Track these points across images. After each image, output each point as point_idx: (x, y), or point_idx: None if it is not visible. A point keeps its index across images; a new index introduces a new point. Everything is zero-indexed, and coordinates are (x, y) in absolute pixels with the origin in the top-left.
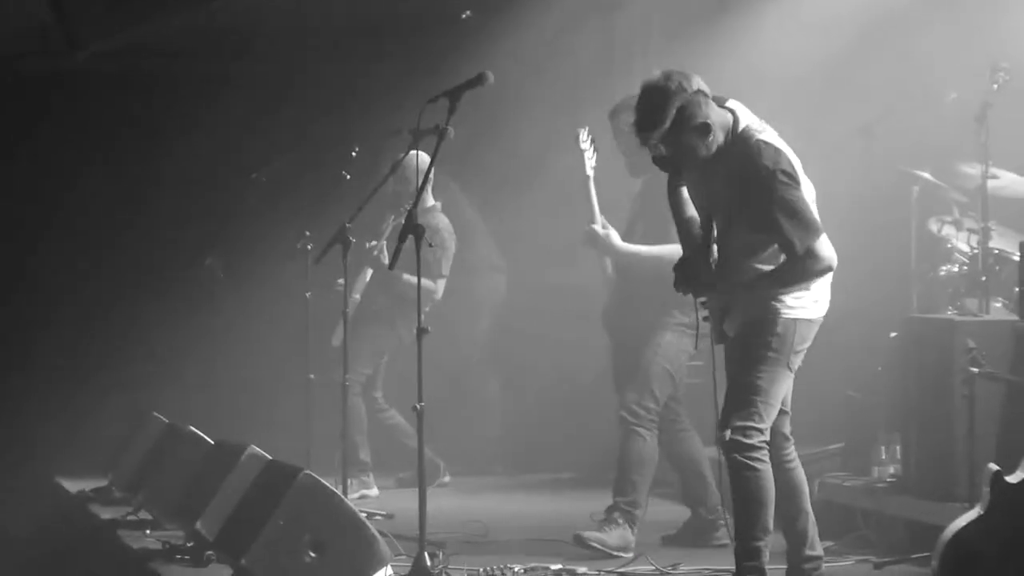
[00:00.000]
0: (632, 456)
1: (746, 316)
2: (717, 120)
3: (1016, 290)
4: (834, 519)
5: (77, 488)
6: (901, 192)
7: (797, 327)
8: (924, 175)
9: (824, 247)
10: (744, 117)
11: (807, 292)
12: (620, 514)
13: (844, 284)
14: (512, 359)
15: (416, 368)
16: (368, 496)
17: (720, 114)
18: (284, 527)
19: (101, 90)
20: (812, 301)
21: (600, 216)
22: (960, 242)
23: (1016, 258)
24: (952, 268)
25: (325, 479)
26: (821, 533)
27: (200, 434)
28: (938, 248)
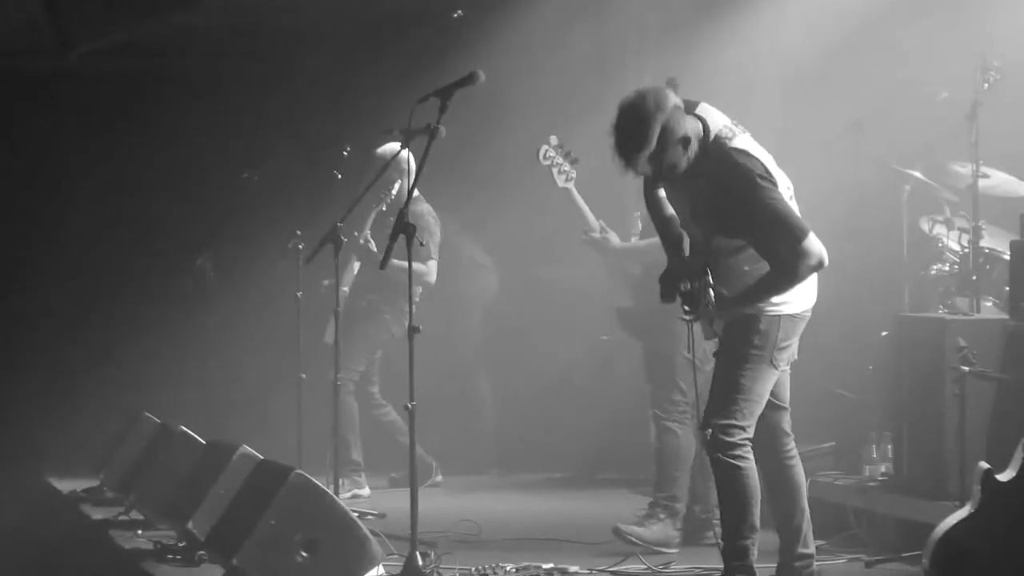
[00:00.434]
0: (667, 451)
1: (730, 317)
2: (692, 131)
3: (1007, 289)
4: (826, 518)
5: (69, 488)
6: (892, 191)
7: (780, 323)
8: (915, 174)
9: (812, 244)
10: (714, 124)
11: (800, 290)
12: (661, 509)
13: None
14: (504, 358)
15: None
16: (360, 495)
17: (693, 124)
18: (276, 527)
19: (93, 89)
20: (795, 296)
21: (596, 221)
22: (951, 241)
23: (1007, 257)
24: (943, 267)
25: (317, 479)
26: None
27: (192, 434)
28: (929, 247)
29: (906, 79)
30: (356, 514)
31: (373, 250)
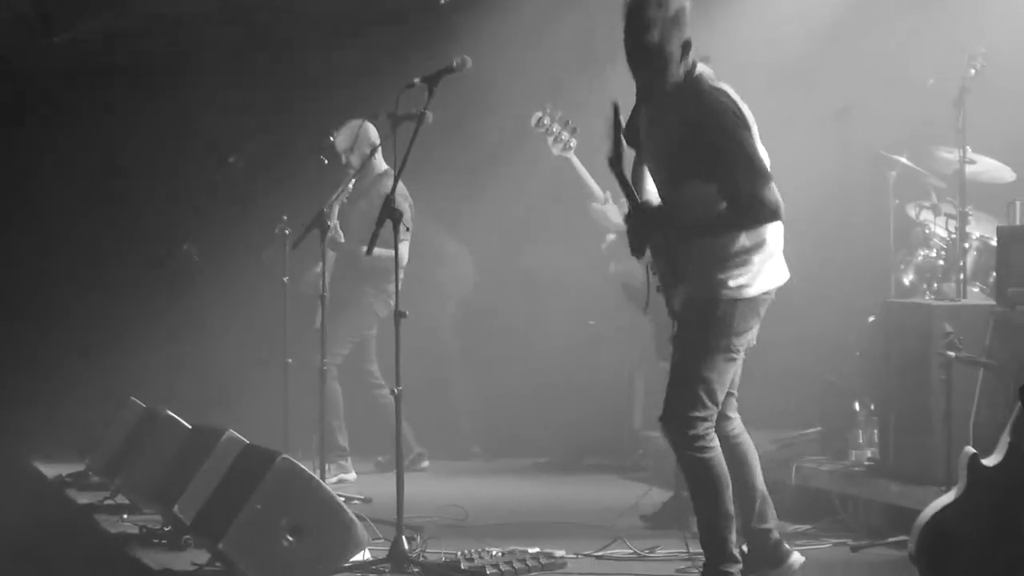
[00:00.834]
0: None
1: (688, 294)
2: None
3: (993, 275)
4: (811, 503)
5: (54, 473)
6: (879, 177)
7: (738, 308)
8: (902, 160)
9: (774, 193)
10: (701, 68)
11: (749, 269)
12: None
13: (822, 269)
14: (488, 344)
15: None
16: (346, 480)
17: (688, 53)
18: (262, 511)
19: (77, 75)
20: (755, 277)
21: (601, 191)
22: (938, 227)
23: (993, 243)
24: (930, 253)
25: (303, 463)
26: (799, 516)
27: (177, 418)
28: (916, 233)
29: (893, 66)
30: (342, 499)
31: (340, 240)
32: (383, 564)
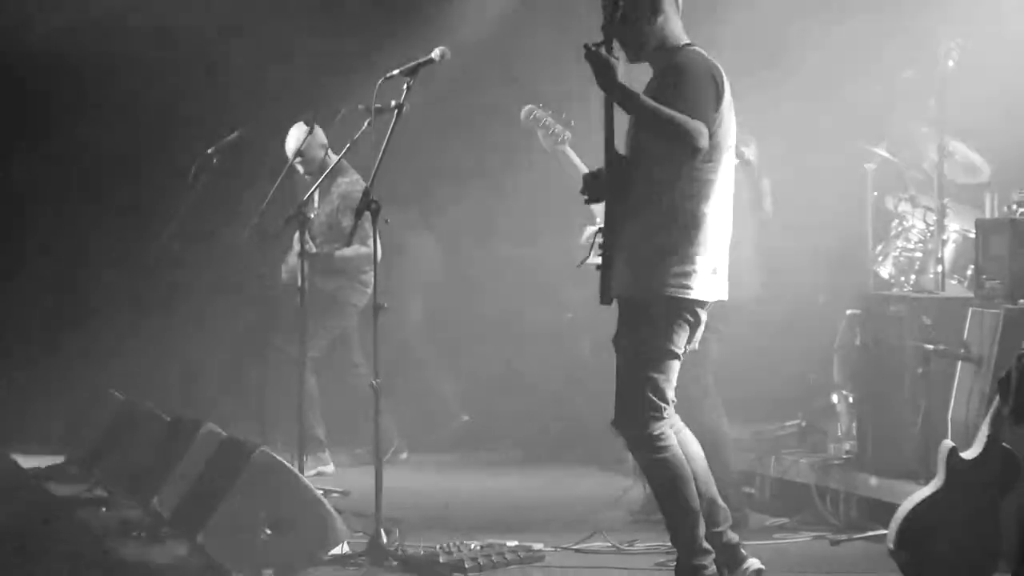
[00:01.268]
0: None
1: (627, 294)
2: (667, 28)
3: (971, 268)
4: (790, 496)
5: (33, 465)
6: (857, 169)
7: (675, 309)
8: (880, 152)
9: (705, 136)
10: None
11: (687, 273)
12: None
13: (800, 261)
14: (467, 337)
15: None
16: (324, 473)
17: (672, 24)
18: (240, 504)
19: (54, 68)
20: (693, 281)
21: None
22: (916, 219)
23: (972, 235)
24: (908, 245)
25: (281, 456)
26: (778, 510)
27: (156, 411)
28: (894, 225)
29: (869, 57)
30: (321, 492)
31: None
32: (361, 557)
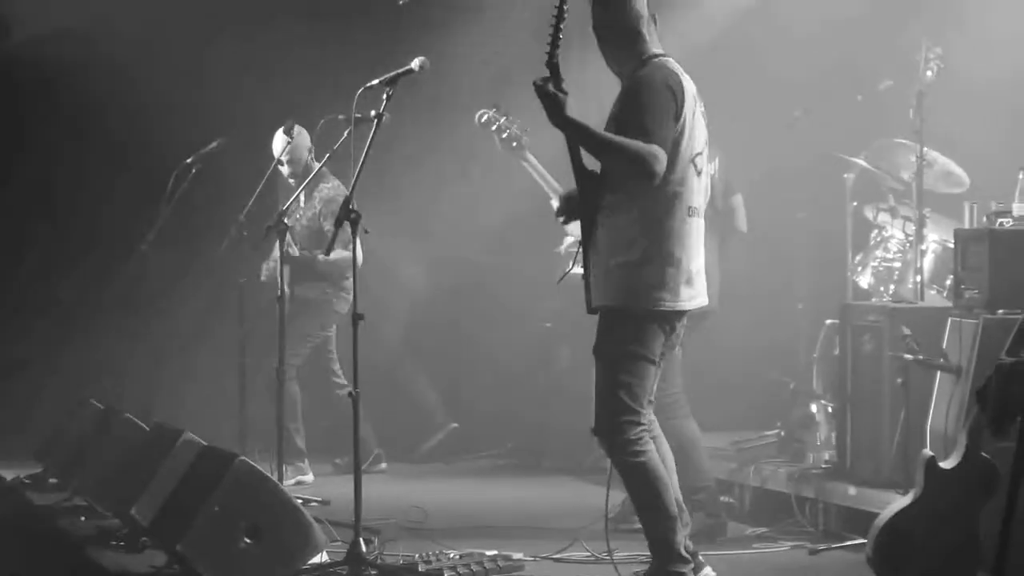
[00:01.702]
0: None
1: (604, 304)
2: (642, 46)
3: (951, 277)
4: (769, 505)
5: (12, 475)
6: (836, 179)
7: (649, 318)
8: (859, 162)
9: (663, 161)
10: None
11: (662, 283)
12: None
13: (780, 271)
14: (446, 347)
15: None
16: (304, 482)
17: (646, 43)
18: (219, 513)
19: (33, 74)
20: (667, 291)
21: (558, 190)
22: (895, 229)
23: (951, 245)
24: (887, 255)
25: (260, 465)
26: (756, 518)
27: (135, 420)
28: (874, 235)
29: (849, 67)
30: (300, 501)
31: (295, 254)
32: (341, 566)
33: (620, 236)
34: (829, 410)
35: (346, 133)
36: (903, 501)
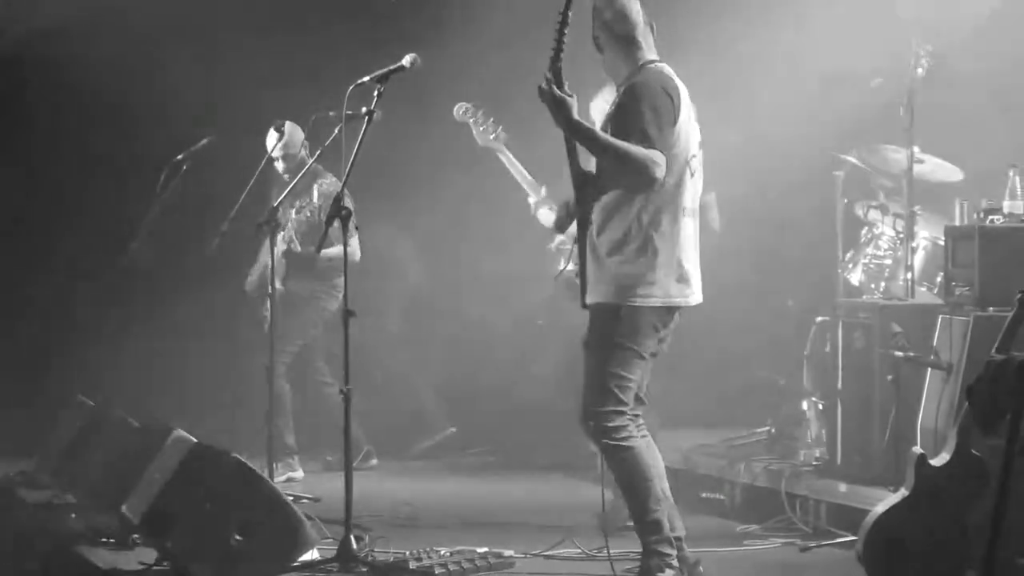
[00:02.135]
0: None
1: (595, 300)
2: (638, 53)
3: (941, 275)
4: (760, 503)
5: (1, 472)
6: (827, 176)
7: (639, 315)
8: (849, 159)
9: (662, 165)
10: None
11: (651, 281)
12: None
13: (770, 268)
14: (437, 343)
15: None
16: (294, 479)
17: (642, 50)
18: (210, 510)
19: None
20: (657, 288)
21: (535, 186)
22: (886, 227)
23: (942, 243)
24: (878, 253)
25: (251, 462)
26: (748, 516)
27: (125, 417)
28: (864, 232)
29: (839, 65)
30: (290, 498)
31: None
32: (331, 564)
33: (615, 234)
34: (820, 407)
35: (337, 130)
36: (893, 498)
